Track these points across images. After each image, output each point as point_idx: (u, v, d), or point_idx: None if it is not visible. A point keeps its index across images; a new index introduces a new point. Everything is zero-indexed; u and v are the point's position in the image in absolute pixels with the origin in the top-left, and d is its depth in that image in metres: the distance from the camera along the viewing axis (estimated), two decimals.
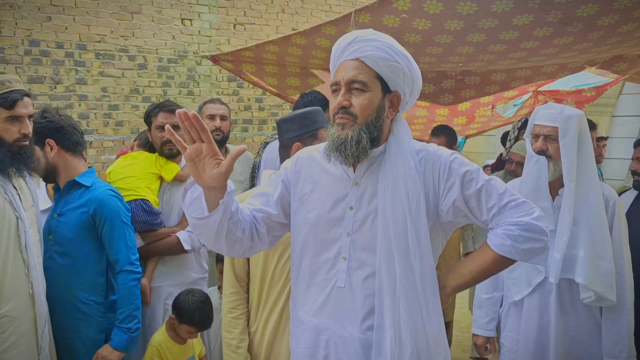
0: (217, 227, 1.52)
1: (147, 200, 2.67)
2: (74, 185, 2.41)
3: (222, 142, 3.34)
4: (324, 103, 3.12)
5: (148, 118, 2.77)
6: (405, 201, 1.53)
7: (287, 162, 1.78)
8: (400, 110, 1.67)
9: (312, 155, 1.73)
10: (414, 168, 1.57)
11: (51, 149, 2.37)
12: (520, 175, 2.55)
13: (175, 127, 2.72)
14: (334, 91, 1.61)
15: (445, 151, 1.64)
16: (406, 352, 1.50)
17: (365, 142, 1.54)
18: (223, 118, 3.33)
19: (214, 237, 1.55)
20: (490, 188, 1.57)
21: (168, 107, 2.75)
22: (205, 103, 3.39)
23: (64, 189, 2.42)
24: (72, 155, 2.41)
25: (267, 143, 3.33)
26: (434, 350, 1.55)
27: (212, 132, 3.24)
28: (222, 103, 3.40)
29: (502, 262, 1.59)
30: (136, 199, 2.65)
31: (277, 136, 3.17)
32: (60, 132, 2.38)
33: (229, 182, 1.49)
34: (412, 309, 1.51)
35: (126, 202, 2.57)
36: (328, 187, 1.66)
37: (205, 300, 2.58)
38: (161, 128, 2.72)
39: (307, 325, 1.67)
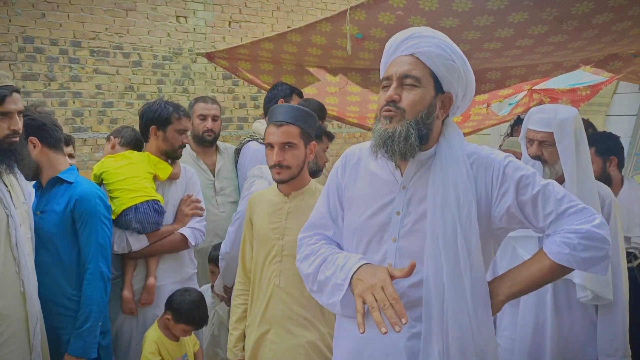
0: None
1: (158, 201, 2.67)
2: (57, 181, 2.40)
3: (212, 142, 3.33)
4: (289, 93, 3.31)
5: (170, 117, 2.72)
6: (455, 209, 1.48)
7: (338, 163, 1.75)
8: (451, 115, 1.62)
9: (359, 155, 1.68)
10: (466, 173, 1.50)
11: (34, 146, 2.35)
12: None
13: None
14: (384, 87, 1.55)
15: (499, 154, 1.57)
16: None
17: (414, 138, 1.48)
18: (214, 118, 3.33)
19: None
20: (548, 193, 1.50)
21: (187, 112, 2.82)
22: (196, 101, 3.37)
23: (46, 186, 2.41)
24: (54, 152, 2.40)
25: (239, 149, 3.32)
26: None
27: (203, 132, 3.23)
28: (213, 102, 3.38)
29: (559, 271, 1.52)
30: (148, 200, 2.63)
31: (250, 138, 3.21)
32: (42, 129, 2.36)
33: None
34: (461, 321, 1.46)
35: (138, 203, 2.56)
36: (374, 190, 1.61)
37: (201, 298, 2.58)
38: (181, 132, 2.75)
39: (352, 332, 1.60)
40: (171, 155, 2.76)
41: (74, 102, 6.07)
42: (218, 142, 3.44)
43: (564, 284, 2.26)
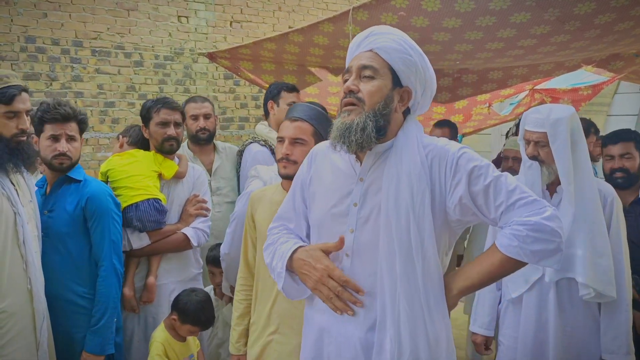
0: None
1: (159, 200, 2.67)
2: (65, 180, 2.40)
3: (208, 140, 3.31)
4: (276, 93, 3.28)
5: (147, 113, 2.74)
6: (409, 198, 1.50)
7: (305, 160, 1.80)
8: (413, 111, 1.64)
9: (325, 150, 1.73)
10: (420, 164, 1.53)
11: (81, 143, 2.42)
12: (518, 171, 2.55)
13: (177, 124, 2.72)
14: (344, 80, 1.60)
15: (453, 146, 1.58)
16: (405, 352, 1.47)
17: (371, 129, 1.51)
18: (207, 117, 3.30)
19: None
20: (500, 184, 1.50)
21: (170, 103, 2.74)
22: (187, 102, 3.36)
23: (54, 185, 2.41)
24: None
25: (242, 151, 3.30)
26: (436, 351, 1.50)
27: (197, 132, 3.21)
28: (204, 100, 3.37)
29: (511, 264, 1.51)
30: (149, 199, 2.63)
31: (252, 140, 3.20)
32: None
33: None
34: (412, 309, 1.48)
35: (138, 201, 2.56)
36: (335, 182, 1.65)
37: (208, 299, 2.59)
38: (162, 124, 2.70)
39: (313, 322, 1.67)
40: (162, 150, 2.74)
41: (75, 102, 6.07)
42: (217, 142, 3.43)
43: (567, 282, 2.27)
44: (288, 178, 2.14)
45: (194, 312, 2.49)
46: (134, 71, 6.45)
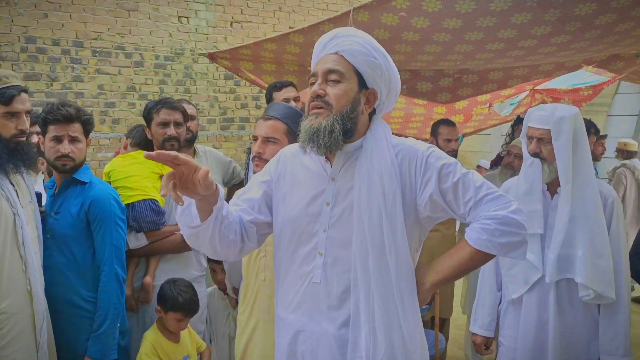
0: (211, 233, 1.53)
1: (156, 200, 2.67)
2: (72, 182, 2.40)
3: (191, 142, 3.31)
4: (269, 99, 3.28)
5: (149, 114, 2.75)
6: (380, 196, 1.53)
7: (271, 161, 1.80)
8: (378, 111, 1.67)
9: (294, 152, 1.74)
10: (390, 163, 1.56)
11: (87, 145, 2.41)
12: (517, 168, 2.56)
13: (178, 124, 2.73)
14: (311, 84, 1.61)
15: (422, 145, 1.63)
16: (380, 348, 1.50)
17: (338, 132, 1.54)
18: (191, 118, 3.31)
19: (209, 243, 1.57)
20: (467, 181, 1.56)
21: (171, 103, 2.74)
22: (179, 102, 3.35)
23: (61, 187, 2.41)
24: None
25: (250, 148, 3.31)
26: (410, 347, 1.53)
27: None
28: (189, 102, 3.38)
29: (480, 257, 1.57)
30: (145, 199, 2.63)
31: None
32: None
33: (219, 187, 1.50)
34: (386, 305, 1.51)
35: (135, 201, 2.56)
36: (306, 183, 1.67)
37: (189, 285, 2.57)
38: (163, 124, 2.70)
39: (286, 322, 1.68)
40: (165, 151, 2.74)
41: (76, 102, 6.08)
42: (197, 145, 3.42)
43: (566, 283, 2.27)
44: None
45: (173, 298, 2.48)
46: (134, 71, 6.45)
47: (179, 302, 2.49)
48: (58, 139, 2.32)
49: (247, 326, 2.23)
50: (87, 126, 2.39)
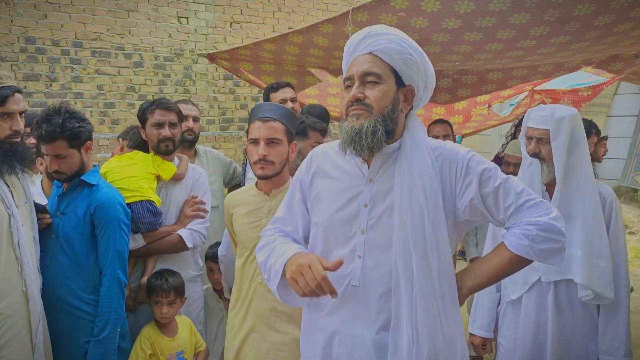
0: None
1: (153, 202, 2.66)
2: (80, 183, 2.38)
3: (192, 143, 3.30)
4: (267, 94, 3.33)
5: (143, 115, 2.74)
6: (422, 198, 1.51)
7: (304, 162, 1.78)
8: (414, 107, 1.65)
9: (326, 152, 1.72)
10: (431, 165, 1.54)
11: (87, 150, 2.38)
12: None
13: (172, 125, 2.72)
14: (347, 87, 1.59)
15: (462, 149, 1.61)
16: (423, 352, 1.47)
17: (381, 133, 1.52)
18: (195, 119, 3.30)
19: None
20: (508, 187, 1.55)
21: (165, 104, 2.73)
22: (176, 103, 3.35)
23: (69, 187, 2.40)
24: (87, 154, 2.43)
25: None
26: (452, 349, 1.51)
27: (184, 132, 3.18)
28: (193, 104, 3.38)
29: (519, 262, 1.56)
30: (142, 200, 2.63)
31: None
32: (91, 133, 2.40)
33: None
34: (429, 308, 1.48)
35: (131, 202, 2.56)
36: (341, 184, 1.65)
37: (166, 271, 2.62)
38: (157, 125, 2.70)
39: (319, 325, 1.65)
40: (158, 152, 2.74)
41: (75, 103, 6.09)
42: (198, 146, 3.41)
43: (566, 284, 2.26)
44: (266, 178, 2.15)
45: (151, 284, 2.55)
46: (133, 72, 6.45)
47: (156, 284, 2.54)
48: (47, 154, 2.31)
49: (240, 330, 2.21)
50: (73, 141, 2.30)
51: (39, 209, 2.34)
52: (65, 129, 2.26)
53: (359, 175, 1.62)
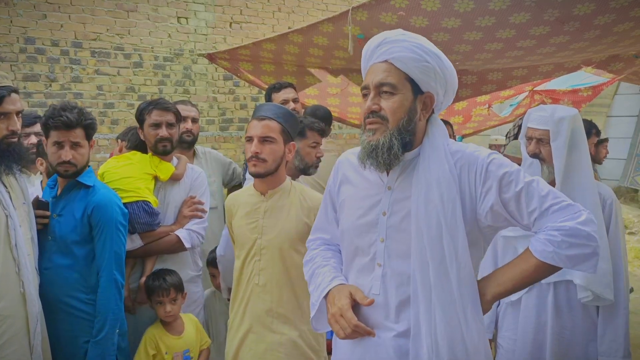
0: None
1: (149, 202, 2.65)
2: (76, 185, 2.37)
3: (191, 144, 3.29)
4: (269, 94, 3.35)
5: (141, 116, 2.74)
6: (439, 206, 1.48)
7: (333, 170, 1.80)
8: (436, 111, 1.62)
9: (350, 159, 1.72)
10: (449, 171, 1.51)
11: (91, 147, 2.39)
12: None
13: (170, 125, 2.71)
14: (364, 95, 1.58)
15: (483, 152, 1.56)
16: None
17: (397, 148, 1.50)
18: (194, 120, 3.29)
19: None
20: (531, 190, 1.48)
21: (162, 104, 2.72)
22: (175, 104, 3.34)
23: (65, 189, 2.38)
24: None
25: None
26: (474, 359, 1.48)
27: (183, 133, 3.17)
28: (192, 105, 3.37)
29: (545, 269, 1.49)
30: (138, 201, 2.62)
31: None
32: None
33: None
34: (449, 318, 1.46)
35: (127, 203, 2.56)
36: (362, 192, 1.64)
37: (162, 270, 2.63)
38: (155, 125, 2.69)
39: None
40: (156, 152, 2.73)
41: (76, 104, 6.08)
42: (197, 147, 3.40)
43: (565, 285, 2.26)
44: (258, 176, 2.18)
45: (148, 286, 2.57)
46: (133, 72, 6.45)
47: (150, 284, 2.55)
48: (59, 145, 2.29)
49: (238, 330, 2.23)
50: (90, 130, 2.35)
51: (43, 206, 2.34)
52: (84, 119, 2.31)
53: (379, 183, 1.62)
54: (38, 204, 2.35)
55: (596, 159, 4.65)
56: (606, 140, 5.52)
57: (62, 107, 2.30)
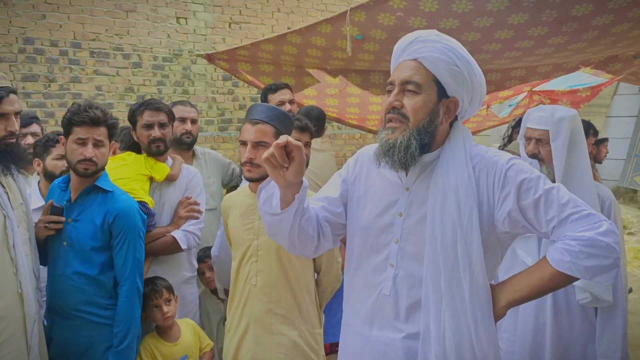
0: (291, 224, 1.51)
1: (146, 203, 2.64)
2: (93, 189, 2.33)
3: (190, 145, 3.28)
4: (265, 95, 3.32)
5: (133, 117, 2.72)
6: (455, 213, 1.46)
7: (350, 160, 1.76)
8: (459, 119, 1.60)
9: (371, 155, 1.68)
10: (467, 177, 1.48)
11: (111, 149, 2.37)
12: None
13: (162, 125, 2.70)
14: (388, 91, 1.55)
15: (503, 156, 1.53)
16: None
17: (414, 148, 1.48)
18: (193, 121, 3.28)
19: (288, 235, 1.54)
20: (551, 198, 1.44)
21: (153, 104, 2.71)
22: (174, 104, 3.33)
23: (81, 193, 2.32)
24: None
25: None
26: None
27: (182, 135, 3.16)
28: (192, 105, 3.37)
29: (562, 279, 1.46)
30: None
31: None
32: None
33: (304, 178, 1.48)
34: (458, 325, 1.45)
35: None
36: (380, 191, 1.62)
37: (156, 277, 2.59)
38: (147, 126, 2.68)
39: (354, 329, 1.65)
40: (149, 152, 2.72)
41: (74, 104, 6.07)
42: (196, 147, 3.39)
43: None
44: (253, 181, 2.16)
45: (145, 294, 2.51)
46: (132, 72, 6.45)
47: (148, 289, 2.49)
48: (82, 142, 2.25)
49: (237, 330, 2.22)
50: (112, 130, 2.33)
51: (57, 212, 2.30)
52: (108, 117, 2.30)
53: (397, 182, 1.60)
54: (51, 208, 2.30)
55: (597, 159, 4.64)
56: (606, 139, 5.52)
57: (87, 105, 2.28)
